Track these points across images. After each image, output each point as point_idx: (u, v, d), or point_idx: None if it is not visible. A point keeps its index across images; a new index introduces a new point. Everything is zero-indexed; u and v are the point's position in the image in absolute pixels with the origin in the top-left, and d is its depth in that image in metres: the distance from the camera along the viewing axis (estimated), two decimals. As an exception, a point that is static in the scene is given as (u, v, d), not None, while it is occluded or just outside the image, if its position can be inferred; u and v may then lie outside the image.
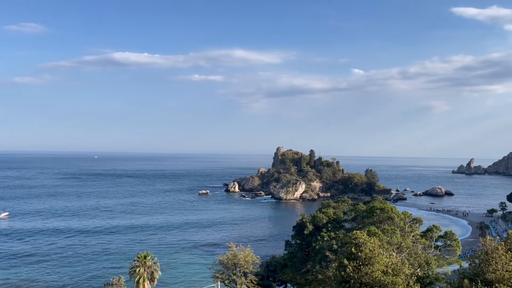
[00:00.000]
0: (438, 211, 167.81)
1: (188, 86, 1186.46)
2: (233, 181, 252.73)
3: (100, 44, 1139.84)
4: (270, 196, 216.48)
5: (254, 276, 50.21)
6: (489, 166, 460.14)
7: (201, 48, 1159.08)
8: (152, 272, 45.70)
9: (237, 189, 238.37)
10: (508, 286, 25.14)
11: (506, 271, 26.32)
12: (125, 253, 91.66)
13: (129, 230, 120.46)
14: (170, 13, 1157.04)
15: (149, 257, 46.13)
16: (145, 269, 44.97)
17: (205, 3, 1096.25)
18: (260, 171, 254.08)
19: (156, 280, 46.43)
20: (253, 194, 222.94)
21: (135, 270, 44.79)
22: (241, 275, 48.50)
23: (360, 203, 63.26)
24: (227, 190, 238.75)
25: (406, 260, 38.96)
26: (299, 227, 61.03)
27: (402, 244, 44.58)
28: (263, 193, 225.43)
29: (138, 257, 45.86)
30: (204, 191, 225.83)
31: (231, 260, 48.82)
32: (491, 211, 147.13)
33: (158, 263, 47.44)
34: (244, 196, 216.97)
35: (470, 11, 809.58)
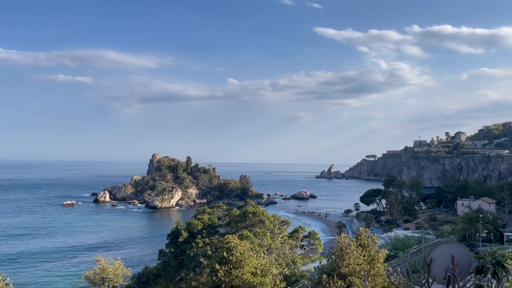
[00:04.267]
0: (303, 213, 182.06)
1: (52, 86, 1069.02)
2: (104, 190, 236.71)
3: None
4: (144, 204, 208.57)
5: (124, 290, 47.72)
6: (346, 171, 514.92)
7: (66, 46, 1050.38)
8: (3, 295, 40.03)
9: (107, 199, 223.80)
10: (358, 278, 28.47)
11: (357, 264, 29.72)
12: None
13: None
14: (29, 6, 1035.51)
15: (0, 278, 40.31)
16: (-7, 293, 39.18)
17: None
18: (134, 179, 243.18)
19: (8, 304, 40.75)
20: (126, 203, 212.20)
21: (-20, 296, 38.70)
22: (110, 289, 45.59)
23: (234, 208, 65.33)
24: (97, 200, 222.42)
25: (274, 261, 41.44)
26: (174, 235, 60.27)
27: (272, 246, 47.29)
28: (136, 201, 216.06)
29: (-15, 280, 39.73)
30: (69, 202, 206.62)
31: (99, 275, 45.57)
32: (347, 211, 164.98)
33: (11, 284, 41.73)
34: (115, 206, 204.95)
35: (329, 32, 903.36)
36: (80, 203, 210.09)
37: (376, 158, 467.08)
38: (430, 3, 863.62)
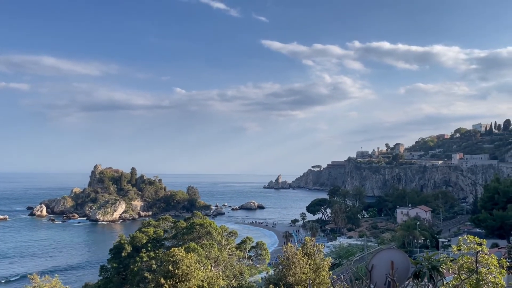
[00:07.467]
0: (251, 223, 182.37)
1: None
2: (40, 203, 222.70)
3: None
4: (85, 218, 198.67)
5: (62, 309, 44.85)
6: (293, 181, 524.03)
7: (0, 51, 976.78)
8: None
9: (45, 213, 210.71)
10: (304, 286, 28.84)
11: (303, 273, 30.14)
12: None
13: None
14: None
15: None
16: None
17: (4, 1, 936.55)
18: (74, 191, 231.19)
19: None
20: (65, 217, 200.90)
21: None
22: (45, 310, 42.64)
23: (181, 220, 63.96)
24: (32, 214, 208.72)
25: (221, 273, 41.00)
26: (117, 250, 57.85)
27: (219, 257, 46.75)
28: (76, 215, 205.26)
29: None
30: (1, 217, 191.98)
31: (34, 294, 42.53)
32: (294, 221, 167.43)
33: None
34: (53, 220, 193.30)
35: (276, 45, 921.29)
36: (13, 218, 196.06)
37: (322, 169, 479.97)
38: (369, 21, 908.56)
